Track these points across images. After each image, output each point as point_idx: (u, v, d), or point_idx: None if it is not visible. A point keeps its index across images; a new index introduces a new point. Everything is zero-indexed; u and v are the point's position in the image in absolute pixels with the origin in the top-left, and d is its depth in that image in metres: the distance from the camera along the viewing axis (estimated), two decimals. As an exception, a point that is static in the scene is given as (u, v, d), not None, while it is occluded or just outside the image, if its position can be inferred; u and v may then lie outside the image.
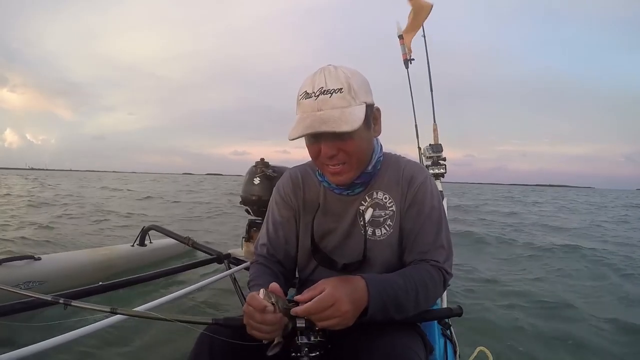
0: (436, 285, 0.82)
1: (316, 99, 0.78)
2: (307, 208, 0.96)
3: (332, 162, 0.83)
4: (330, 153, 0.82)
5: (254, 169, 2.12)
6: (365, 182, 0.90)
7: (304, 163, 1.04)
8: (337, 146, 0.81)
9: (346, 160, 0.83)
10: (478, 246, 5.49)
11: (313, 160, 0.88)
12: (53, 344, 1.00)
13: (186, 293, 1.58)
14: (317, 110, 0.78)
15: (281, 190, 0.99)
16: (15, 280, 2.15)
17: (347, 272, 0.88)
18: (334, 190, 0.92)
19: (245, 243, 2.28)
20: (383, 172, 0.93)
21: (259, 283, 0.84)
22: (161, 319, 0.76)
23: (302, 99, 0.81)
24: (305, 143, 0.86)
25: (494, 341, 2.14)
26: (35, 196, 11.44)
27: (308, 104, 0.79)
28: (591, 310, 2.78)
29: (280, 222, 0.97)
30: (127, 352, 1.86)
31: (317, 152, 0.84)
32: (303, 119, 0.79)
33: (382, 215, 0.90)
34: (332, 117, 0.76)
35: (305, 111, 0.80)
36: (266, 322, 0.68)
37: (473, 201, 17.64)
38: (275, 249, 0.96)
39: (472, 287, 3.25)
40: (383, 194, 0.91)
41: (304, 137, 0.82)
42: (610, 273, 3.96)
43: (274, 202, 1.00)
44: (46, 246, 4.31)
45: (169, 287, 2.71)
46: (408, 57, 2.54)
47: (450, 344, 1.19)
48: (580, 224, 9.16)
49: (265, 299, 0.68)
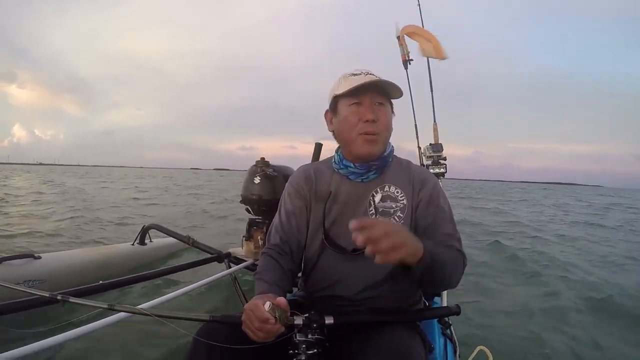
0: (459, 267, 0.87)
1: (365, 75, 0.92)
2: (319, 197, 0.99)
3: (371, 128, 0.91)
4: (373, 117, 0.91)
5: (254, 168, 2.12)
6: (380, 167, 0.97)
7: (316, 162, 1.14)
8: (379, 111, 0.92)
9: (380, 132, 0.92)
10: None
11: (349, 130, 0.94)
12: (52, 343, 1.00)
13: (186, 292, 1.58)
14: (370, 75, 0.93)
15: (294, 182, 1.04)
16: (15, 279, 2.15)
17: (357, 256, 0.91)
18: (349, 176, 0.97)
19: (246, 242, 2.28)
20: (395, 168, 0.99)
21: (265, 279, 0.86)
22: (159, 316, 0.76)
23: (349, 76, 0.94)
24: (342, 115, 0.95)
25: (494, 341, 2.14)
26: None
27: (358, 76, 0.92)
28: (592, 310, 2.78)
29: (292, 212, 1.01)
30: (127, 352, 1.86)
31: (358, 117, 0.92)
32: (357, 79, 0.91)
33: (392, 207, 0.95)
34: (384, 79, 0.91)
35: (356, 77, 0.92)
36: (263, 331, 0.70)
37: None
38: (288, 237, 0.99)
39: (472, 287, 3.25)
40: (395, 188, 0.96)
41: (347, 102, 0.93)
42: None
43: (287, 194, 1.04)
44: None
45: (169, 286, 2.71)
46: (407, 58, 2.55)
47: (450, 343, 1.19)
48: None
49: (269, 312, 0.69)
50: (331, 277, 0.95)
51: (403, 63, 2.57)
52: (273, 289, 0.82)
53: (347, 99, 0.93)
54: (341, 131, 0.96)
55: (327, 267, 0.96)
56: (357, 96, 0.92)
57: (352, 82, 0.91)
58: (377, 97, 0.93)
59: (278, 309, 0.70)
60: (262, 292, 0.80)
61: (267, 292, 0.79)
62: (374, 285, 0.92)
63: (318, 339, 0.74)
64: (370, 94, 0.92)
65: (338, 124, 0.97)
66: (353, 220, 0.64)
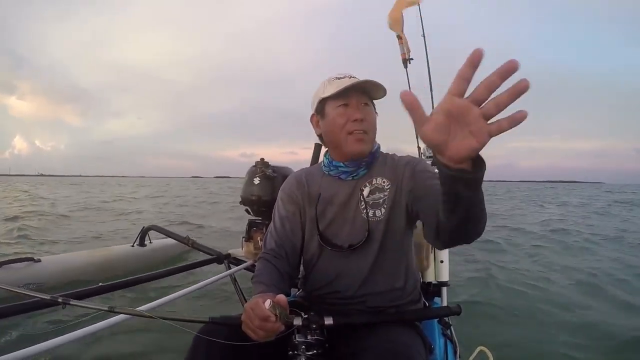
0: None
1: (349, 77, 0.96)
2: (311, 200, 1.02)
3: (358, 127, 0.94)
4: (360, 116, 0.94)
5: (253, 169, 2.12)
6: (369, 162, 1.00)
7: (308, 167, 1.17)
8: (365, 111, 0.96)
9: (367, 130, 0.96)
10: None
11: (338, 131, 0.96)
12: (53, 345, 0.99)
13: (186, 293, 1.58)
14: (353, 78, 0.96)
15: (286, 188, 1.08)
16: (15, 282, 2.15)
17: (352, 252, 0.95)
18: (340, 176, 1.00)
19: (245, 243, 2.28)
20: (382, 162, 1.02)
21: (263, 281, 0.88)
22: (158, 318, 0.77)
23: (333, 80, 0.97)
24: (330, 117, 0.97)
25: (495, 341, 2.13)
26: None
27: (342, 79, 0.95)
28: (594, 309, 2.78)
29: (286, 216, 1.04)
30: (128, 354, 1.86)
31: (346, 117, 0.95)
32: (342, 82, 0.94)
33: (381, 197, 0.97)
34: (371, 80, 0.93)
35: (341, 80, 0.95)
36: (264, 329, 0.70)
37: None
38: (282, 241, 1.01)
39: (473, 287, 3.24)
40: (382, 179, 0.99)
41: (334, 104, 0.96)
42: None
43: (280, 200, 1.08)
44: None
45: (169, 287, 2.71)
46: (407, 56, 2.54)
47: (451, 343, 1.19)
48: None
49: (270, 309, 0.69)
50: (330, 274, 0.97)
51: (403, 62, 2.56)
52: (271, 290, 0.82)
53: (335, 100, 0.96)
54: (330, 132, 0.99)
55: (325, 266, 0.98)
56: (344, 98, 0.95)
57: (339, 84, 0.95)
58: (363, 97, 0.97)
59: (278, 306, 0.70)
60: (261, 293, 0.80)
61: (266, 293, 0.79)
62: (371, 281, 0.94)
63: (317, 339, 0.74)
64: (356, 94, 0.96)
65: (326, 126, 0.99)
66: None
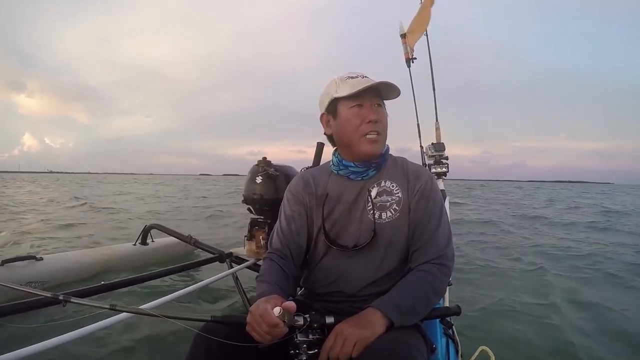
0: (437, 285, 0.89)
1: (362, 77, 0.96)
2: (318, 200, 1.02)
3: (373, 127, 0.95)
4: (375, 117, 0.95)
5: (256, 168, 2.12)
6: (379, 164, 1.00)
7: (315, 167, 1.18)
8: (379, 112, 0.96)
9: (380, 131, 0.96)
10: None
11: (352, 131, 0.96)
12: (55, 344, 1.00)
13: (188, 292, 1.58)
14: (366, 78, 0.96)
15: (292, 188, 1.07)
16: (17, 280, 2.15)
17: (358, 252, 0.95)
18: (350, 176, 1.00)
19: (248, 242, 2.28)
20: (391, 165, 1.03)
21: (267, 280, 0.88)
22: (159, 316, 0.76)
23: (346, 79, 0.96)
24: (344, 117, 0.97)
25: (496, 341, 2.13)
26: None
27: (356, 79, 0.96)
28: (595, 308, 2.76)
29: (291, 217, 1.03)
30: (129, 352, 1.86)
31: (360, 118, 0.95)
32: (357, 82, 0.94)
33: (388, 201, 0.97)
34: (386, 81, 0.94)
35: (355, 80, 0.95)
36: (271, 334, 0.71)
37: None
38: (288, 241, 1.00)
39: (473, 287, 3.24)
40: (391, 182, 0.99)
41: (348, 104, 0.96)
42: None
43: (286, 199, 1.07)
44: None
45: (171, 286, 2.71)
46: (410, 56, 2.53)
47: (452, 343, 1.19)
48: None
49: (279, 317, 0.70)
50: (333, 273, 0.97)
51: (406, 61, 2.55)
52: (274, 290, 0.83)
53: (349, 101, 0.95)
54: (343, 132, 0.98)
55: (329, 264, 0.98)
56: (359, 98, 0.95)
57: (354, 84, 0.94)
58: (376, 98, 0.97)
59: (287, 313, 0.71)
60: (263, 293, 0.81)
61: (269, 293, 0.80)
62: (375, 281, 0.95)
63: (319, 339, 0.73)
64: (370, 95, 0.96)
65: (339, 126, 0.99)
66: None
